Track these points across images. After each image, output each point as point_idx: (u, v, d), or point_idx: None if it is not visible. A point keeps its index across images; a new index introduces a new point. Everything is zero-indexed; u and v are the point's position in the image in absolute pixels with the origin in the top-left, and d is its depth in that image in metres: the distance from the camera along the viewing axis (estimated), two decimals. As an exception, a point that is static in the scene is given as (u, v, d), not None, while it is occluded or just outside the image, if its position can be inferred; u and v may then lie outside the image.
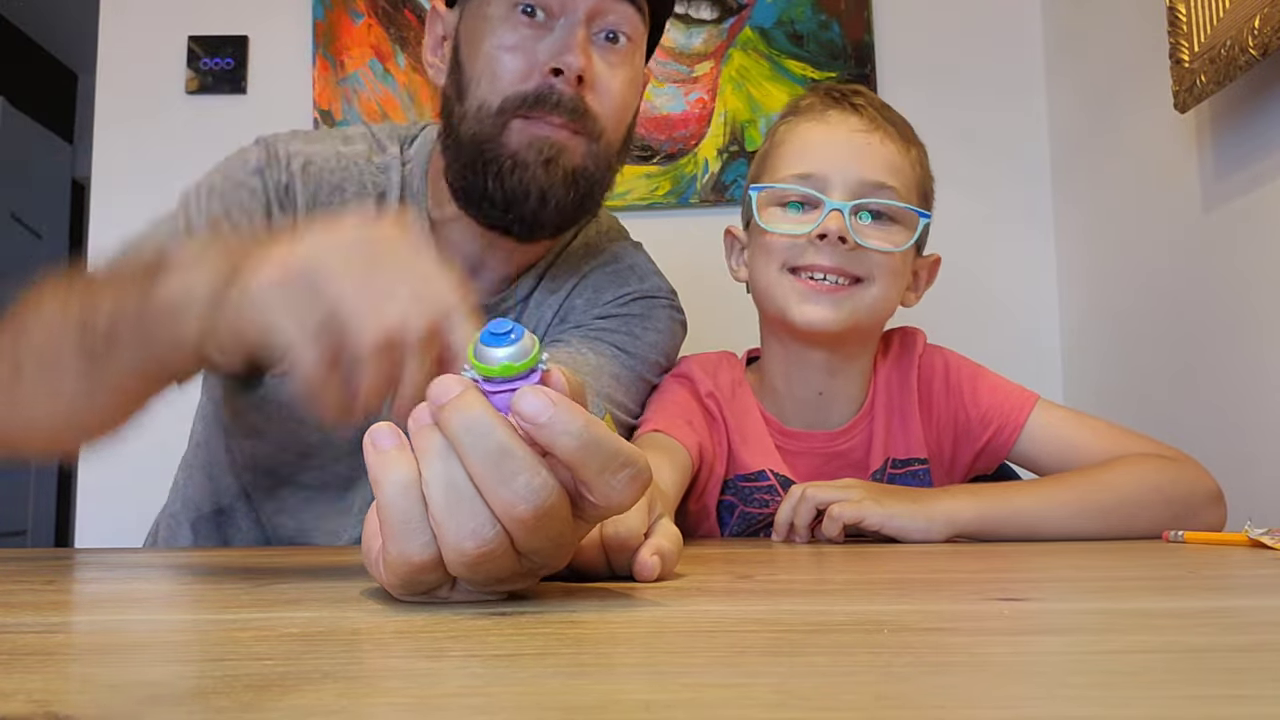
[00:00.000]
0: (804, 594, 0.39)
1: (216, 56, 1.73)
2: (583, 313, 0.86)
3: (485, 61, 0.74)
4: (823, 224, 0.78)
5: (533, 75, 0.72)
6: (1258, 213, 1.12)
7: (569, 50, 0.72)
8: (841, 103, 0.84)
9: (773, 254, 0.82)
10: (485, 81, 0.74)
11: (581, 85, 0.73)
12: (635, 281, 0.89)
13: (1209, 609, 0.33)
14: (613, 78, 0.75)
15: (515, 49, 0.73)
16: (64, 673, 0.24)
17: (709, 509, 0.87)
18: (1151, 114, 1.33)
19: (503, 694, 0.20)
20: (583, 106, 0.73)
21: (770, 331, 0.88)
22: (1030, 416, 0.83)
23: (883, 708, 0.19)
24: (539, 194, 0.73)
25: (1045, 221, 1.70)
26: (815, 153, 0.82)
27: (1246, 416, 1.14)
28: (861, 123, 0.83)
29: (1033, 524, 0.73)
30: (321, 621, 0.31)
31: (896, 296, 0.84)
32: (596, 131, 0.75)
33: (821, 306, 0.79)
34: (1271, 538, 0.59)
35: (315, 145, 0.81)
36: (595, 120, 0.74)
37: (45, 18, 3.53)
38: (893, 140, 0.83)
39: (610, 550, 0.42)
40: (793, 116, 0.87)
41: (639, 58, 0.79)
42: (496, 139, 0.73)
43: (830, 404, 0.87)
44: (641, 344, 0.86)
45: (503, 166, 0.73)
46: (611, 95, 0.75)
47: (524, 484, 0.31)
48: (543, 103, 0.72)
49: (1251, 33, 1.01)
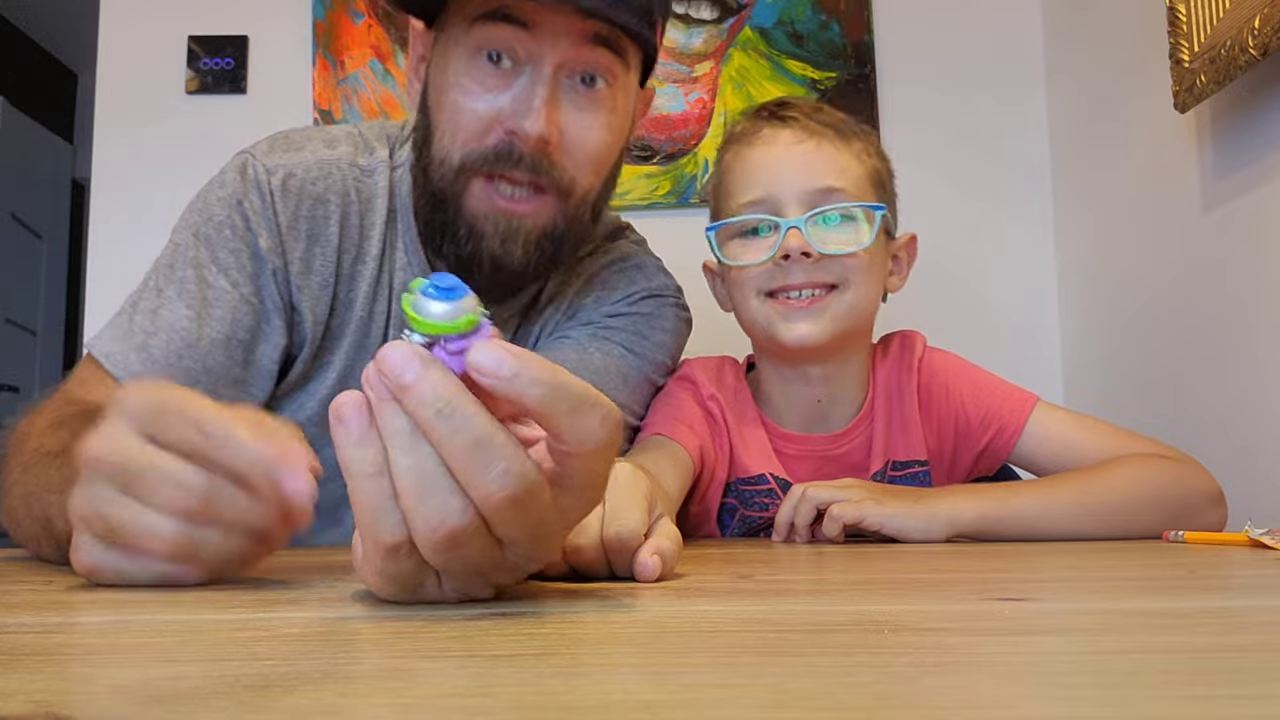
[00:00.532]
0: (804, 594, 0.39)
1: (216, 56, 1.73)
2: (592, 309, 0.86)
3: (449, 112, 0.71)
4: (783, 244, 0.79)
5: (494, 130, 0.70)
6: (1258, 213, 1.12)
7: (527, 113, 0.68)
8: (771, 120, 0.85)
9: (746, 285, 0.83)
10: (448, 134, 0.71)
11: (546, 144, 0.69)
12: (644, 280, 0.88)
13: (1209, 609, 0.33)
14: (587, 126, 0.71)
15: (477, 100, 0.70)
16: (64, 673, 0.24)
17: (710, 511, 0.87)
18: (1151, 114, 1.33)
19: (503, 694, 0.20)
20: (546, 163, 0.70)
21: (763, 353, 0.89)
22: (1030, 418, 0.83)
23: (882, 708, 0.19)
24: (493, 264, 0.72)
25: (1045, 221, 1.70)
26: (758, 176, 0.83)
27: (1246, 416, 1.14)
28: (795, 134, 0.83)
29: (1033, 524, 0.73)
30: (321, 621, 0.31)
31: (877, 291, 0.84)
32: (565, 186, 0.72)
33: (805, 323, 0.80)
34: (1271, 538, 0.59)
35: (296, 155, 0.78)
36: (563, 173, 0.71)
37: (45, 18, 3.53)
38: (830, 142, 0.83)
39: (610, 551, 0.42)
40: (730, 146, 0.87)
41: (624, 93, 0.75)
42: (458, 199, 0.72)
43: (829, 409, 0.87)
44: (649, 344, 0.86)
45: (459, 234, 0.72)
46: (584, 146, 0.71)
47: (502, 471, 0.30)
48: (503, 160, 0.70)
49: (1251, 33, 1.01)
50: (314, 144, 0.80)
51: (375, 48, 1.72)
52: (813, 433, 0.87)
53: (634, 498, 0.43)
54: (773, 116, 0.85)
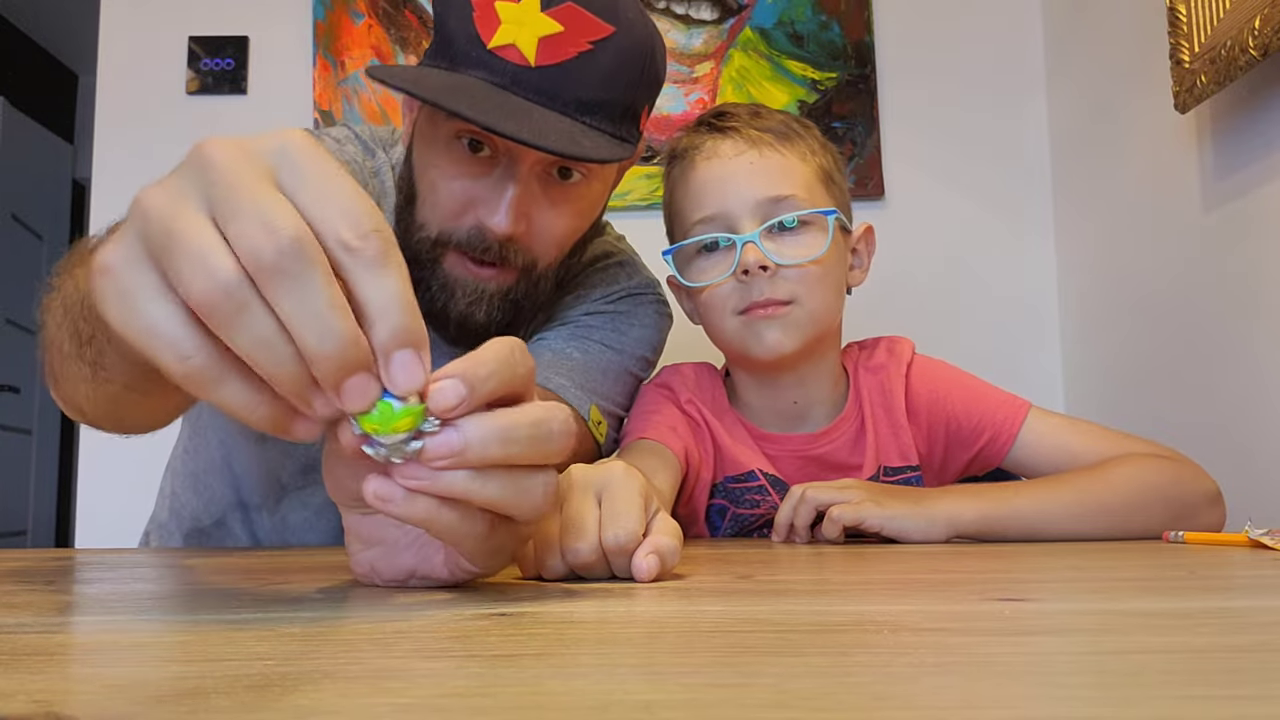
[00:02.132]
0: (804, 594, 0.39)
1: (217, 57, 1.73)
2: (571, 308, 0.87)
3: (428, 184, 0.74)
4: (740, 261, 0.78)
5: (467, 214, 0.73)
6: (1258, 213, 1.12)
7: (496, 210, 0.71)
8: (712, 131, 0.84)
9: (712, 305, 0.83)
10: (428, 205, 0.75)
11: (511, 238, 0.72)
12: (624, 279, 0.90)
13: (1209, 609, 0.33)
14: (556, 216, 0.74)
15: (454, 182, 0.73)
16: (64, 673, 0.24)
17: (697, 512, 0.87)
18: (1151, 114, 1.33)
19: (503, 694, 0.20)
20: (512, 250, 0.73)
21: (736, 365, 0.89)
22: (1024, 424, 0.83)
23: (882, 708, 0.19)
24: (460, 321, 0.76)
25: (1045, 221, 1.70)
26: (706, 192, 0.82)
27: (1246, 417, 1.14)
28: (736, 145, 0.82)
29: (1033, 524, 0.73)
30: (321, 621, 0.31)
31: (839, 292, 0.84)
32: (528, 265, 0.75)
33: (775, 332, 0.80)
34: (1271, 538, 0.59)
35: None
36: (528, 255, 0.75)
37: (45, 18, 3.53)
38: (772, 148, 0.82)
39: (610, 554, 0.42)
40: (675, 163, 0.87)
41: (600, 181, 0.77)
42: (433, 264, 0.75)
43: (806, 410, 0.88)
44: (628, 340, 0.87)
45: (433, 288, 0.76)
46: (551, 233, 0.75)
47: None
48: (473, 246, 0.73)
49: (1252, 33, 1.01)
50: (325, 141, 0.83)
51: (375, 48, 1.72)
52: (793, 432, 0.88)
53: (630, 498, 0.43)
54: (712, 129, 0.84)
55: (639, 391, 0.90)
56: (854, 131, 1.69)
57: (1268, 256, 1.09)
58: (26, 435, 3.38)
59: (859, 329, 0.96)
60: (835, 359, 0.88)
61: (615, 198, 0.84)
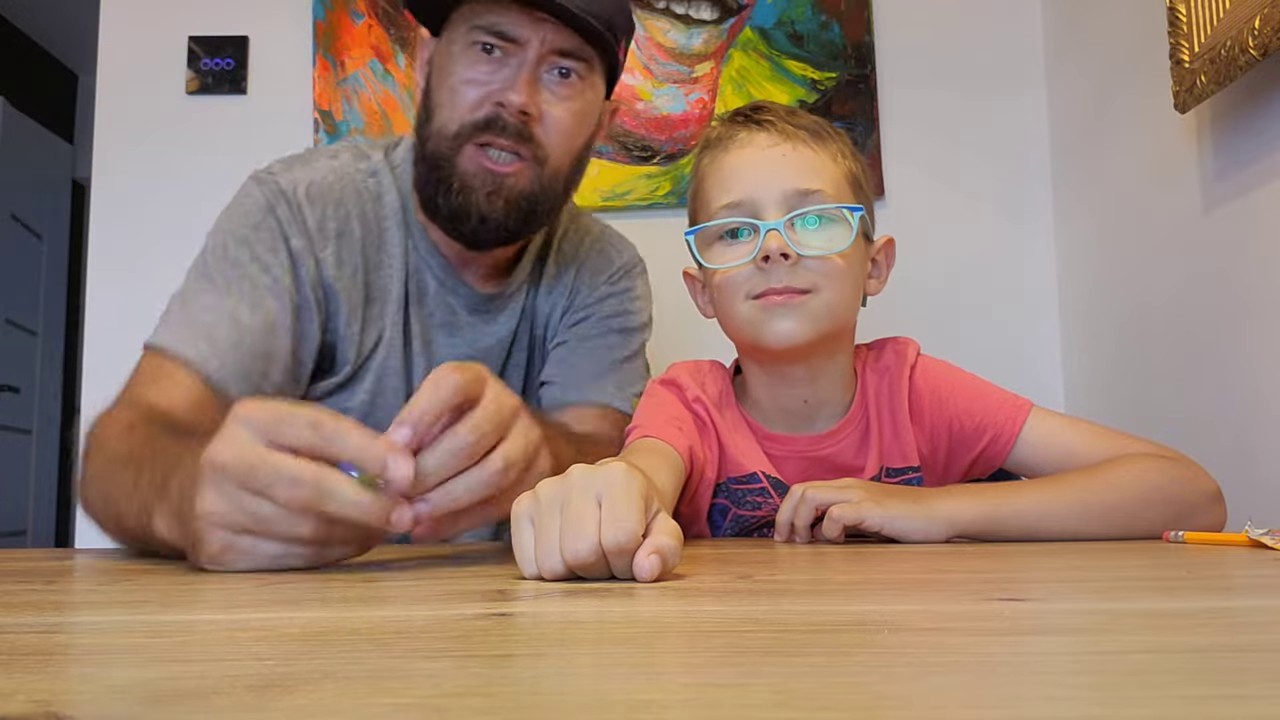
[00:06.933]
0: (804, 594, 0.39)
1: (217, 57, 1.73)
2: (586, 294, 1.00)
3: (448, 91, 0.85)
4: (763, 246, 0.78)
5: (484, 105, 0.83)
6: (1258, 213, 1.12)
7: (513, 88, 0.82)
8: (747, 123, 0.85)
9: (728, 288, 0.82)
10: (446, 108, 0.85)
11: (527, 117, 0.83)
12: (616, 255, 1.03)
13: (1209, 609, 0.33)
14: (560, 109, 0.85)
15: (471, 82, 0.84)
16: (64, 673, 0.24)
17: (700, 512, 0.87)
18: (1151, 114, 1.33)
19: (502, 694, 0.20)
20: (527, 132, 0.83)
21: (747, 355, 0.89)
22: (1025, 424, 0.83)
23: (882, 708, 0.19)
24: (479, 217, 0.85)
25: (1045, 221, 1.70)
26: (736, 179, 0.82)
27: (1246, 417, 1.14)
28: (771, 137, 0.83)
29: (1033, 524, 0.73)
30: (321, 621, 0.31)
31: (856, 293, 0.84)
32: (541, 157, 0.85)
33: (788, 320, 0.79)
34: (1271, 538, 0.59)
35: (308, 168, 0.90)
36: (540, 146, 0.85)
37: (45, 18, 3.53)
38: (806, 144, 0.82)
39: (609, 555, 0.42)
40: (706, 151, 0.88)
41: (591, 92, 0.88)
42: (451, 160, 0.85)
43: (815, 410, 0.87)
44: (636, 318, 1.02)
45: (452, 186, 0.85)
46: (558, 124, 0.85)
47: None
48: (490, 127, 0.83)
49: (1252, 33, 1.01)
50: (320, 158, 0.92)
51: (375, 48, 1.72)
52: (799, 433, 0.87)
53: (631, 499, 0.43)
54: (748, 120, 0.85)
55: (646, 389, 0.90)
56: (854, 131, 1.68)
57: (1268, 256, 1.09)
58: (26, 435, 3.38)
59: (859, 329, 0.96)
60: (848, 361, 0.88)
61: (615, 198, 0.85)
